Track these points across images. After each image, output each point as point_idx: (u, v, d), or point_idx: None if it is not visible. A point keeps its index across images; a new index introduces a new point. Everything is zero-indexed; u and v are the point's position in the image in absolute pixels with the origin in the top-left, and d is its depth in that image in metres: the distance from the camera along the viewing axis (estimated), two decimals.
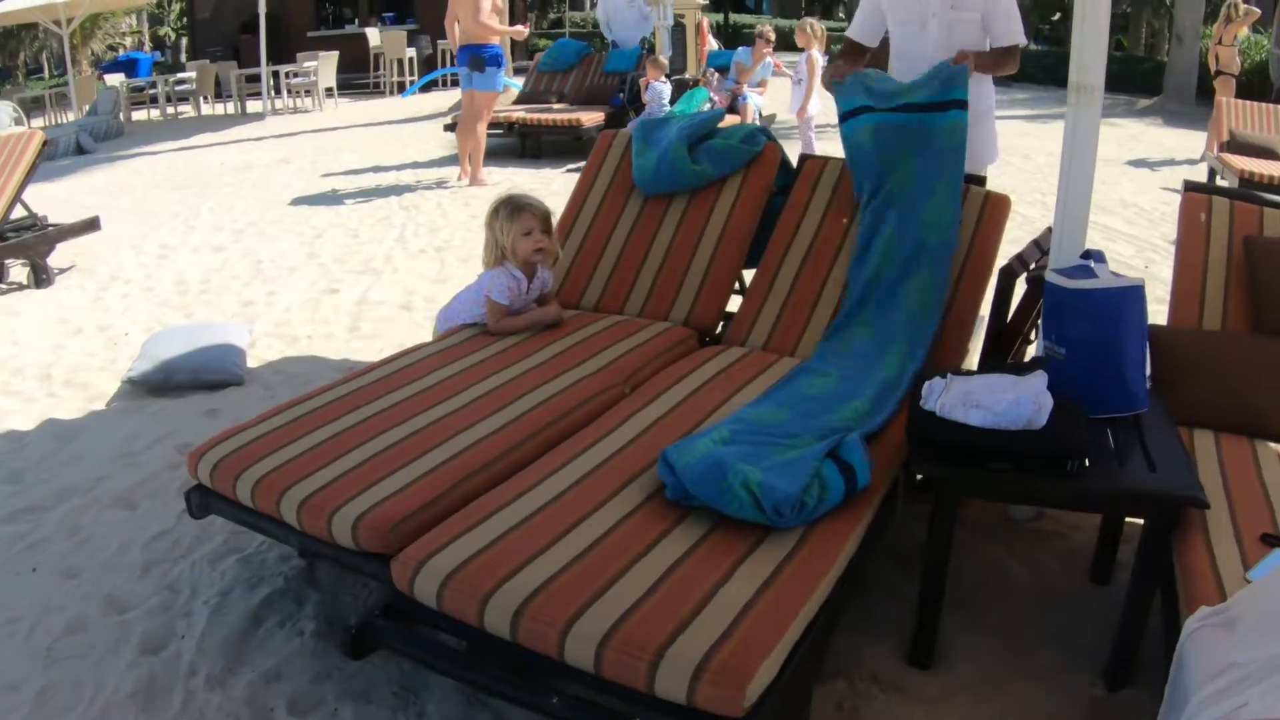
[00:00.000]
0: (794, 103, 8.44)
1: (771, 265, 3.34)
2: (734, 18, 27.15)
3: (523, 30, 9.32)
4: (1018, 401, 2.08)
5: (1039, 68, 16.02)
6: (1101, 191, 7.56)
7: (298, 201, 8.16)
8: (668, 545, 1.93)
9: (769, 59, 9.57)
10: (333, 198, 8.25)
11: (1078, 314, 2.32)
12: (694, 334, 3.31)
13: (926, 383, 2.23)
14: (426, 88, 16.47)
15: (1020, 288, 2.84)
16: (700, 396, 2.71)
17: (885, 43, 3.77)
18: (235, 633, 2.49)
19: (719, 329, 3.42)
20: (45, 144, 5.98)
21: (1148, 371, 2.43)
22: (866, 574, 2.20)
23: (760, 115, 9.78)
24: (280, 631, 2.50)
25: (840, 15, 30.48)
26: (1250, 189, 6.53)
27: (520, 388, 2.75)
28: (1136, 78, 15.96)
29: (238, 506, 2.39)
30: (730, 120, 8.70)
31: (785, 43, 12.93)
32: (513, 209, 3.26)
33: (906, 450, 2.31)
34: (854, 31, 3.75)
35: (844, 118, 3.27)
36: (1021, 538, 2.72)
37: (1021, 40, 3.41)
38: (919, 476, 2.56)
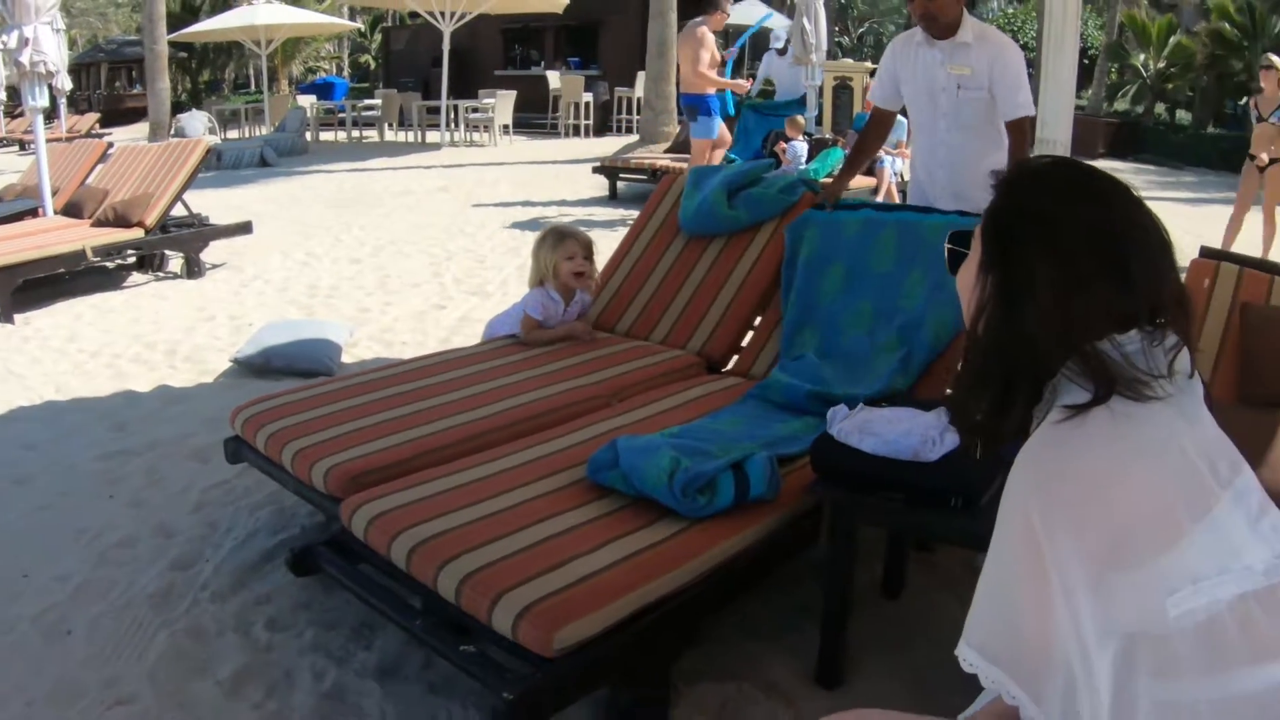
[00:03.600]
0: None
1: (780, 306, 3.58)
2: None
3: (743, 84, 9.92)
4: (908, 433, 2.25)
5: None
6: None
7: (441, 227, 8.87)
8: (563, 518, 2.23)
9: (903, 120, 9.53)
10: (473, 225, 8.93)
11: None
12: (701, 362, 3.58)
13: (832, 409, 2.42)
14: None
15: None
16: (671, 414, 2.98)
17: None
18: (247, 564, 2.95)
19: (730, 362, 3.68)
20: (208, 152, 6.85)
21: None
22: (758, 582, 2.38)
23: (900, 179, 9.74)
24: (283, 569, 2.89)
25: None
26: None
27: (517, 390, 3.11)
28: None
29: (257, 454, 2.86)
30: (864, 183, 8.88)
31: None
32: (558, 237, 3.67)
33: None
34: (874, 96, 3.93)
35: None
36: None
37: (1029, 112, 3.44)
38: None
